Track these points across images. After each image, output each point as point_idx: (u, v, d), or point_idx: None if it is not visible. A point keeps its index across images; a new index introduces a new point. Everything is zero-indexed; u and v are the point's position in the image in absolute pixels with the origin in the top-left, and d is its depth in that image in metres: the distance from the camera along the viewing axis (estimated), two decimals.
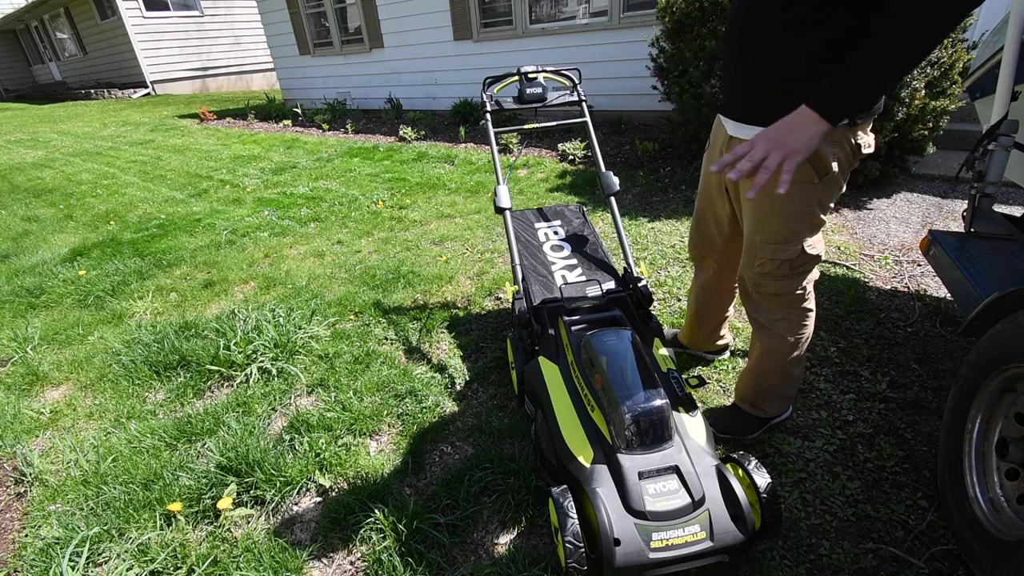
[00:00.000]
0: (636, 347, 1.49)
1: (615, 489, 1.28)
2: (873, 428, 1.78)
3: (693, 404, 1.49)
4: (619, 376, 1.39)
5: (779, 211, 1.37)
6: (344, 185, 5.02)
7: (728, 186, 1.53)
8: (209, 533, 1.58)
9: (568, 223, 2.37)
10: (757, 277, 1.50)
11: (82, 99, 16.41)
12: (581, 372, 1.53)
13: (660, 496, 1.25)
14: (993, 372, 1.32)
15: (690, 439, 1.37)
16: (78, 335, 2.73)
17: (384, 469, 1.75)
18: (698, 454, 1.34)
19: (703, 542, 1.20)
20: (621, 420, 1.32)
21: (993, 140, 1.84)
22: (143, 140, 8.50)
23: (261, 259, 3.51)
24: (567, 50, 6.21)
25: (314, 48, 9.22)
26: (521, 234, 2.30)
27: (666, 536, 1.20)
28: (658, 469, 1.28)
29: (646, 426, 1.31)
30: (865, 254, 2.93)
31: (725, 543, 1.20)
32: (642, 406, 1.32)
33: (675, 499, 1.25)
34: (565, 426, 1.45)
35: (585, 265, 2.14)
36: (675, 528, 1.21)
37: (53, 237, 4.35)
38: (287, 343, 2.36)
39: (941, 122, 3.51)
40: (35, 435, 2.07)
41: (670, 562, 1.19)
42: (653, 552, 1.19)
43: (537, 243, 2.26)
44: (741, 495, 1.24)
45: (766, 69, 1.26)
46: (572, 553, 1.21)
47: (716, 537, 1.21)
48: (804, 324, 1.56)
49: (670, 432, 1.34)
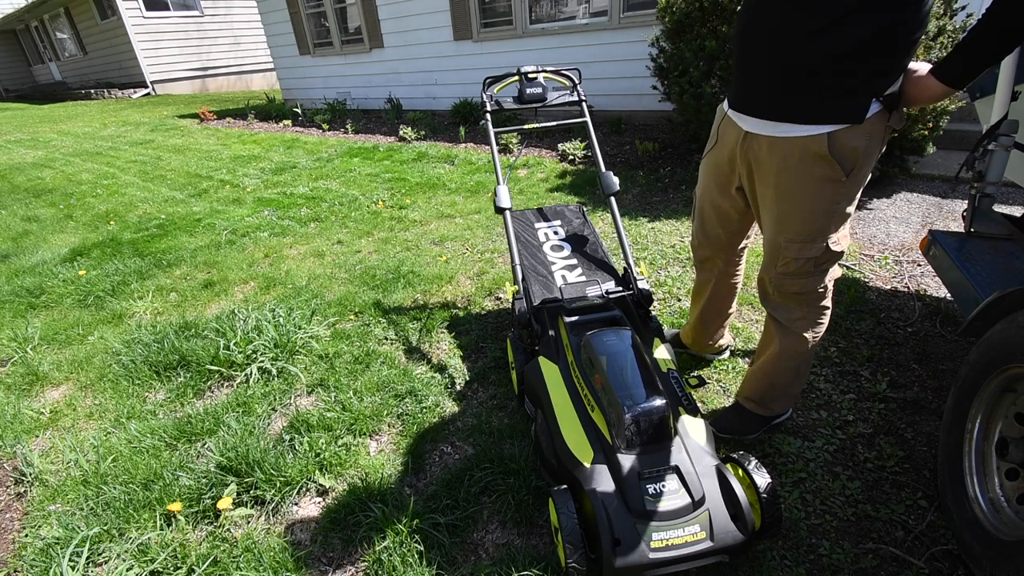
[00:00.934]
0: (636, 347, 1.49)
1: (615, 489, 1.27)
2: (873, 428, 1.78)
3: (693, 404, 1.49)
4: (619, 376, 1.39)
5: (805, 209, 1.34)
6: (344, 185, 5.02)
7: (744, 185, 1.51)
8: (209, 533, 1.58)
9: (568, 223, 2.37)
10: (779, 277, 1.48)
11: (82, 99, 16.41)
12: (581, 372, 1.53)
13: (660, 496, 1.25)
14: (993, 372, 1.32)
15: (690, 439, 1.37)
16: (78, 335, 2.73)
17: (384, 469, 1.75)
18: (698, 454, 1.34)
19: (703, 542, 1.20)
20: (621, 420, 1.32)
21: (993, 140, 1.84)
22: (143, 140, 8.50)
23: (261, 259, 3.51)
24: (567, 50, 6.21)
25: (314, 48, 9.23)
26: (521, 234, 2.30)
27: (666, 536, 1.20)
28: (658, 469, 1.28)
29: (646, 426, 1.31)
30: (865, 254, 2.93)
31: (725, 543, 1.20)
32: (642, 406, 1.31)
33: (675, 499, 1.25)
34: (565, 426, 1.45)
35: (585, 265, 2.14)
36: (675, 528, 1.21)
37: (53, 237, 4.35)
38: (287, 343, 2.36)
39: (941, 122, 3.51)
40: (35, 435, 2.07)
41: (670, 562, 1.19)
42: (653, 552, 1.19)
43: (537, 243, 2.26)
44: (741, 495, 1.24)
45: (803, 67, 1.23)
46: (572, 553, 1.21)
47: (716, 537, 1.21)
48: (821, 322, 1.55)
49: (670, 432, 1.34)
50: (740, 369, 2.08)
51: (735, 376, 2.05)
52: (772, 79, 1.30)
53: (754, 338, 2.26)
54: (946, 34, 3.40)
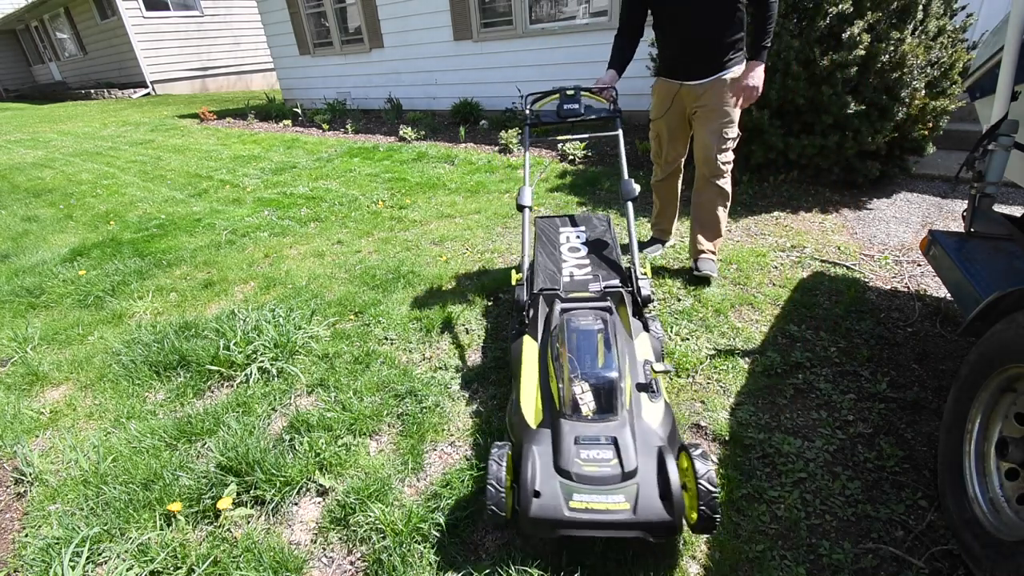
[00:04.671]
0: (608, 330, 1.58)
1: (551, 450, 1.35)
2: (873, 428, 1.78)
3: (657, 390, 1.51)
4: (580, 350, 1.50)
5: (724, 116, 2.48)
6: (344, 185, 5.02)
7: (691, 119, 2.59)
8: (209, 533, 1.58)
9: (592, 230, 2.49)
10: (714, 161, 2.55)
11: (82, 99, 16.41)
12: (552, 346, 1.63)
13: (591, 462, 1.30)
14: (993, 372, 1.33)
15: (641, 419, 1.42)
16: (78, 335, 2.73)
17: (384, 469, 1.75)
18: (645, 434, 1.38)
19: (624, 513, 1.23)
20: (569, 388, 1.41)
21: (993, 140, 1.84)
22: (143, 140, 8.50)
23: (261, 259, 3.51)
24: (567, 50, 6.21)
25: (314, 48, 9.23)
26: (546, 234, 2.47)
27: (587, 499, 1.25)
28: (596, 437, 1.34)
29: (592, 396, 1.39)
30: (865, 254, 2.93)
31: (648, 518, 1.22)
32: (591, 378, 1.41)
33: (605, 467, 1.29)
34: (524, 392, 1.56)
35: (595, 265, 2.24)
36: (598, 494, 1.25)
37: (53, 237, 4.35)
38: (287, 343, 2.36)
39: (941, 122, 3.52)
40: (35, 435, 2.07)
41: (586, 524, 1.23)
42: (570, 511, 1.24)
43: (557, 243, 2.41)
44: (674, 476, 1.24)
45: (718, 44, 2.35)
46: (492, 496, 1.28)
47: (639, 511, 1.23)
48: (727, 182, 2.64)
49: (615, 406, 1.40)
50: (740, 369, 2.08)
51: (735, 376, 2.05)
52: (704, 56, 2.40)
53: (754, 338, 2.26)
54: (946, 34, 3.40)
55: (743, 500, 1.56)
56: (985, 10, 4.18)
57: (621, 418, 1.39)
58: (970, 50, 3.48)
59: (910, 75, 3.27)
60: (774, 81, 3.36)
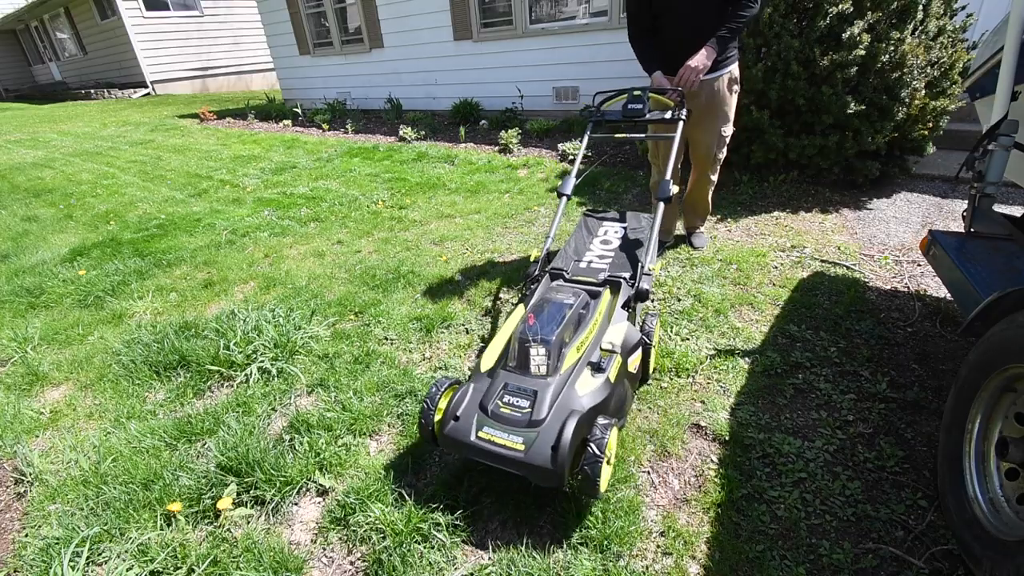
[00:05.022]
0: (579, 307, 1.76)
1: (484, 390, 1.57)
2: (873, 428, 1.78)
3: (600, 369, 1.62)
4: (541, 317, 1.68)
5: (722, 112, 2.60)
6: (344, 185, 5.02)
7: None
8: (209, 533, 1.58)
9: (635, 228, 2.52)
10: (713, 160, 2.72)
11: (82, 99, 16.41)
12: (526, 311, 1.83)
13: (508, 406, 1.52)
14: (993, 372, 1.33)
15: (572, 388, 1.55)
16: (78, 335, 2.73)
17: (384, 469, 1.75)
18: (569, 399, 1.52)
19: (518, 453, 1.41)
20: (512, 344, 1.64)
21: (993, 140, 1.84)
22: (143, 140, 8.50)
23: (261, 259, 3.51)
24: (567, 50, 6.21)
25: (314, 48, 9.22)
26: (587, 225, 2.57)
27: (493, 433, 1.46)
28: (522, 389, 1.54)
29: (524, 355, 1.59)
30: (865, 254, 2.93)
31: (534, 462, 1.39)
32: (531, 339, 1.59)
33: (517, 412, 1.50)
34: (492, 345, 1.76)
35: (617, 258, 2.29)
36: (503, 432, 1.46)
37: (53, 237, 4.35)
38: (287, 343, 2.36)
39: (941, 122, 3.52)
40: (35, 435, 2.07)
41: (486, 453, 1.45)
42: (476, 439, 1.46)
43: (591, 235, 2.50)
44: (567, 434, 1.38)
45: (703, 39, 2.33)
46: (425, 412, 1.56)
47: (529, 455, 1.40)
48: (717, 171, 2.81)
49: (549, 370, 1.57)
50: (740, 369, 2.08)
51: (734, 376, 2.05)
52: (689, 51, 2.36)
53: (754, 338, 2.26)
54: (946, 34, 3.40)
55: (743, 500, 1.56)
56: (985, 10, 4.18)
57: (551, 380, 1.55)
58: (970, 50, 3.48)
59: (910, 75, 3.27)
60: (774, 81, 3.36)
